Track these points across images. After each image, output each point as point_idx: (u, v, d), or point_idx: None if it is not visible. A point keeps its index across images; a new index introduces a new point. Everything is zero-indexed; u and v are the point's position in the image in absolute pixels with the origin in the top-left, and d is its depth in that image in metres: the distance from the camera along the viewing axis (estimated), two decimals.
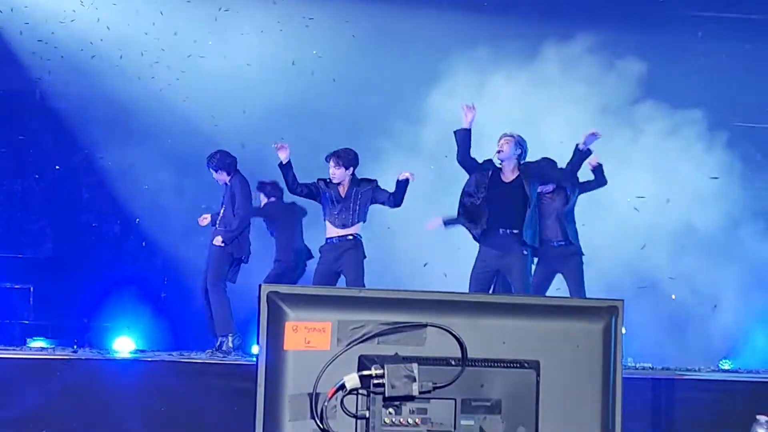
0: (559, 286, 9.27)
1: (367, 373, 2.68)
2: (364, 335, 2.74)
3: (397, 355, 2.73)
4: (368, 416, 2.70)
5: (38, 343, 10.24)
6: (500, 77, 11.03)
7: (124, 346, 10.14)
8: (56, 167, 11.71)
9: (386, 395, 2.66)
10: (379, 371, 2.66)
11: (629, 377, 3.41)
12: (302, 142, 9.88)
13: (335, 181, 8.86)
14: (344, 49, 11.39)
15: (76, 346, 9.04)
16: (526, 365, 2.80)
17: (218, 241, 9.40)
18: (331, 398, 2.69)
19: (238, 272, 9.56)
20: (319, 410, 2.69)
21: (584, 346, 2.88)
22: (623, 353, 2.93)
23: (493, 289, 8.71)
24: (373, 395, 2.68)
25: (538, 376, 2.80)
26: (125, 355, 9.21)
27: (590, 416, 2.88)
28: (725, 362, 10.53)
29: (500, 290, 8.68)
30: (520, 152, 8.64)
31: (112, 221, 11.81)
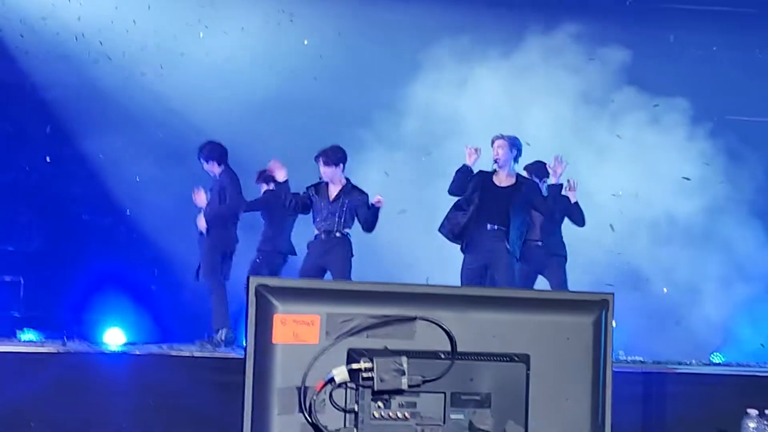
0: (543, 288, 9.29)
1: (356, 366, 2.66)
2: (353, 328, 2.73)
3: (386, 348, 2.72)
4: (357, 410, 2.68)
5: (28, 335, 10.21)
6: (483, 67, 11.03)
7: (114, 338, 10.13)
8: (46, 159, 11.68)
9: (375, 389, 2.65)
10: (368, 365, 2.65)
11: (619, 370, 3.40)
12: (286, 133, 9.87)
13: (326, 179, 8.91)
14: (327, 40, 11.37)
15: (66, 338, 9.01)
16: (516, 359, 2.78)
17: (201, 223, 9.36)
18: (319, 392, 2.68)
19: (230, 268, 9.55)
20: (307, 404, 2.68)
21: (574, 339, 2.87)
22: (613, 346, 2.92)
23: (482, 283, 8.73)
24: (362, 389, 2.67)
25: (528, 369, 2.79)
26: (115, 347, 9.19)
27: (580, 410, 2.87)
28: (716, 355, 10.54)
29: (487, 284, 8.69)
30: (515, 153, 8.71)
31: (102, 213, 11.78)
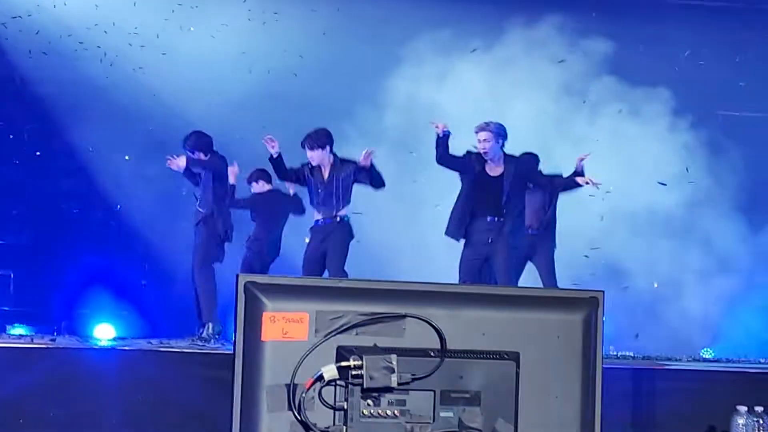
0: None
1: (345, 364, 2.66)
2: (342, 326, 2.73)
3: (375, 346, 2.72)
4: (346, 407, 2.68)
5: (18, 330, 10.18)
6: (464, 59, 11.03)
7: (104, 333, 10.11)
8: (36, 153, 11.64)
9: (364, 386, 2.65)
10: (357, 362, 2.65)
11: (608, 366, 3.40)
12: (270, 128, 9.85)
13: (315, 163, 8.91)
14: (310, 36, 11.36)
15: (56, 333, 8.99)
16: (505, 356, 2.78)
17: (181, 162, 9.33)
18: (308, 389, 2.68)
19: (224, 253, 9.53)
20: (296, 401, 2.67)
21: (564, 337, 2.87)
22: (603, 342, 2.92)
23: (480, 277, 8.74)
24: (351, 386, 2.67)
25: (517, 367, 2.79)
26: (105, 342, 9.18)
27: (570, 407, 2.87)
28: (706, 351, 10.57)
29: (486, 277, 8.71)
30: (502, 142, 8.65)
31: (92, 208, 11.75)
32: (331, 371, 2.67)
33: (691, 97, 11.44)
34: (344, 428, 2.68)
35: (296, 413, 2.67)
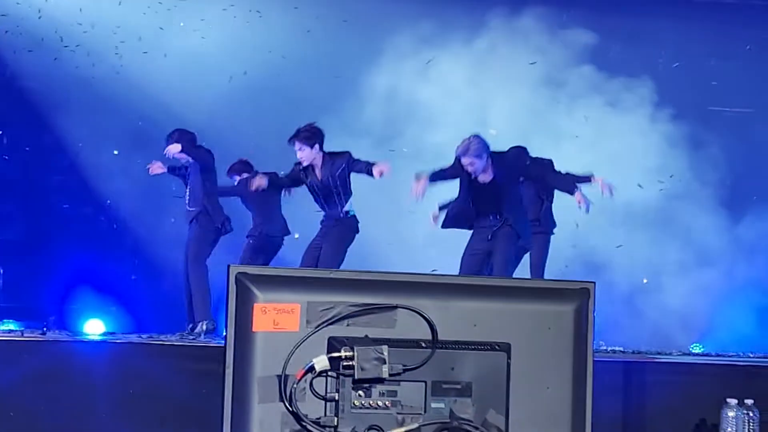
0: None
1: (336, 355, 2.66)
2: (333, 317, 2.73)
3: (366, 337, 2.72)
4: (337, 398, 2.69)
5: (8, 326, 10.16)
6: (446, 52, 11.02)
7: (94, 328, 10.08)
8: (26, 148, 11.62)
9: (356, 377, 2.65)
10: (348, 353, 2.65)
11: (599, 360, 3.40)
12: (256, 121, 9.85)
13: (305, 162, 8.78)
14: (290, 27, 11.35)
15: (45, 328, 8.96)
16: (497, 348, 2.79)
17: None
18: (300, 380, 2.68)
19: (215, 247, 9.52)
20: (288, 392, 2.67)
21: (555, 328, 2.87)
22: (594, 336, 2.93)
23: (481, 270, 8.75)
24: (342, 377, 2.67)
25: (508, 358, 2.79)
26: (95, 337, 9.16)
27: (561, 399, 2.87)
28: (696, 346, 10.58)
29: (487, 272, 8.72)
30: (486, 155, 8.57)
31: (82, 203, 11.73)
32: (322, 362, 2.67)
33: (672, 90, 11.43)
34: (335, 419, 2.68)
35: (287, 404, 2.67)
